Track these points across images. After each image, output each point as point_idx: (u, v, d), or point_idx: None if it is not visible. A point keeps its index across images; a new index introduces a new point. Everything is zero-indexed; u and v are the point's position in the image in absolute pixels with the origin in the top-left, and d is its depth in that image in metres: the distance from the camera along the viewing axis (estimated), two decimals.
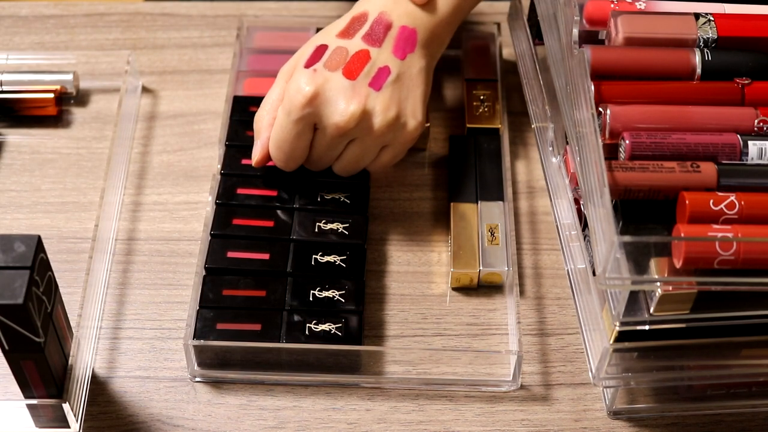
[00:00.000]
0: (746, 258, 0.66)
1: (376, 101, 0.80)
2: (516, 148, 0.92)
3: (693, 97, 0.75)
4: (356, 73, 0.80)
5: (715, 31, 0.77)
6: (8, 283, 0.65)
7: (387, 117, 0.80)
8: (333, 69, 0.80)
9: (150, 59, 0.98)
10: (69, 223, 0.87)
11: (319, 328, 0.78)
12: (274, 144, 0.82)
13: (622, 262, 0.67)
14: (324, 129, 0.81)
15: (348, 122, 0.80)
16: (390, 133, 0.81)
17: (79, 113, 0.94)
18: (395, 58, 0.82)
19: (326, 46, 0.82)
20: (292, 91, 0.80)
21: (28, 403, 0.73)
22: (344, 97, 0.80)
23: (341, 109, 0.79)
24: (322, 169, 0.85)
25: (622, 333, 0.70)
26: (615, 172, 0.70)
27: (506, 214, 0.85)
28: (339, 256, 0.81)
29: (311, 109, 0.79)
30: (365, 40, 0.82)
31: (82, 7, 1.02)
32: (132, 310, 0.82)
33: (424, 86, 0.83)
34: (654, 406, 0.77)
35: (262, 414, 0.77)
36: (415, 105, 0.82)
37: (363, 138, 0.81)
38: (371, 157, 0.83)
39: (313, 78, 0.80)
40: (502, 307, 0.82)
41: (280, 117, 0.81)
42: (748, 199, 0.68)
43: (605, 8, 0.79)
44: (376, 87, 0.80)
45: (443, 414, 0.77)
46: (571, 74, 0.78)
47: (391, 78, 0.81)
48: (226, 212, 0.83)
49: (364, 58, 0.81)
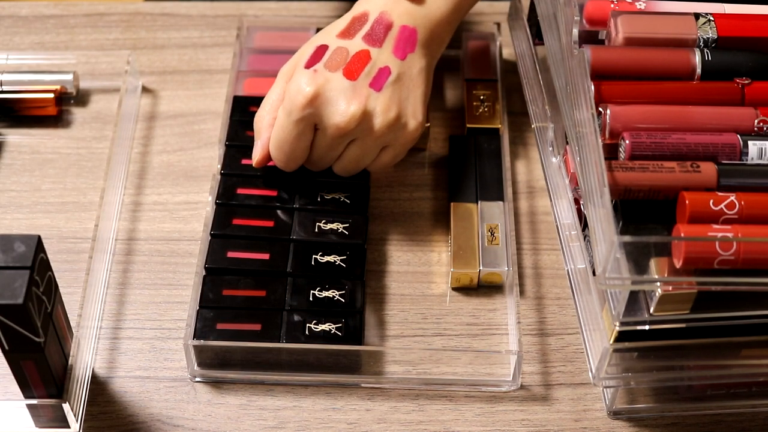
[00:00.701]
0: (746, 258, 0.66)
1: (377, 102, 0.80)
2: (516, 148, 0.92)
3: (693, 97, 0.75)
4: (357, 73, 0.80)
5: (715, 31, 0.77)
6: (8, 283, 0.65)
7: (388, 117, 0.80)
8: (333, 69, 0.80)
9: (150, 59, 0.98)
10: (69, 223, 0.87)
11: (319, 328, 0.78)
12: (274, 144, 0.82)
13: (622, 262, 0.67)
14: (324, 129, 0.81)
15: (349, 123, 0.80)
16: (390, 133, 0.81)
17: (79, 113, 0.94)
18: (395, 59, 0.82)
19: (327, 47, 0.82)
20: (292, 92, 0.80)
21: (28, 403, 0.73)
22: (345, 97, 0.80)
23: (342, 109, 0.79)
24: (322, 170, 0.85)
25: (622, 333, 0.70)
26: (615, 172, 0.70)
27: (506, 214, 0.85)
28: (339, 256, 0.81)
29: (312, 109, 0.79)
30: (366, 40, 0.82)
31: (82, 7, 1.02)
32: (132, 310, 0.82)
33: (425, 86, 0.83)
34: (654, 406, 0.77)
35: (262, 414, 0.77)
36: (415, 105, 0.82)
37: (363, 138, 0.81)
38: (371, 158, 0.83)
39: (313, 78, 0.80)
40: (502, 307, 0.82)
41: (281, 117, 0.81)
42: (748, 199, 0.68)
43: (605, 8, 0.79)
44: (377, 87, 0.80)
45: (443, 414, 0.77)
46: (571, 74, 0.78)
47: (392, 78, 0.81)
48: (226, 212, 0.83)
49: (365, 59, 0.81)
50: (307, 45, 0.84)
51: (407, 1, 0.83)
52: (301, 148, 0.82)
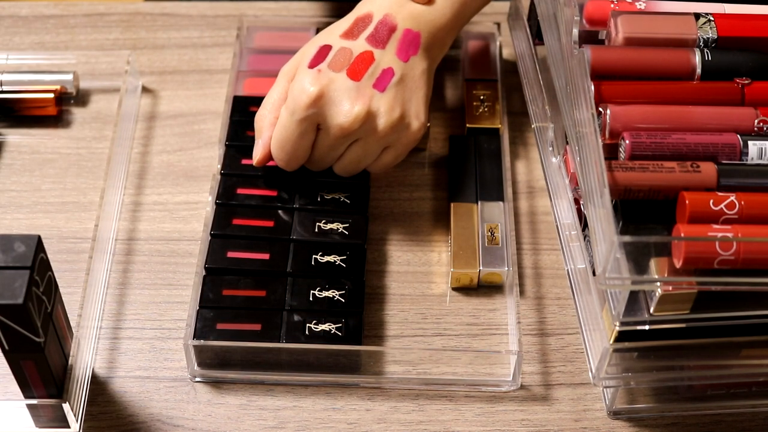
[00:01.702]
0: (746, 258, 0.66)
1: (381, 102, 0.80)
2: (516, 148, 0.92)
3: (693, 97, 0.75)
4: (361, 74, 0.80)
5: (715, 31, 0.77)
6: (8, 283, 0.65)
7: (391, 118, 0.81)
8: (337, 70, 0.80)
9: (150, 59, 0.98)
10: (69, 223, 0.87)
11: (319, 328, 0.78)
12: (276, 144, 0.82)
13: (622, 262, 0.67)
14: (327, 129, 0.81)
15: (353, 123, 0.80)
16: (394, 134, 0.82)
17: (79, 113, 0.94)
18: (399, 60, 0.82)
19: (330, 47, 0.82)
20: (296, 91, 0.80)
21: (28, 403, 0.73)
22: (349, 98, 0.80)
23: (346, 110, 0.79)
24: (323, 170, 0.85)
25: (622, 333, 0.70)
26: (615, 172, 0.70)
27: (506, 214, 0.85)
28: (339, 256, 0.81)
29: (315, 109, 0.79)
30: (369, 42, 0.82)
31: (82, 7, 1.02)
32: (132, 310, 0.82)
33: (426, 88, 0.83)
34: (654, 406, 0.77)
35: (262, 414, 0.77)
36: (418, 106, 0.82)
37: (366, 139, 0.81)
38: (373, 158, 0.83)
39: (317, 78, 0.80)
40: (502, 307, 0.82)
41: (284, 117, 0.81)
42: (748, 199, 0.68)
43: (605, 8, 0.79)
44: (381, 88, 0.80)
45: (443, 414, 0.77)
46: (571, 74, 0.78)
47: (395, 79, 0.81)
48: (226, 212, 0.83)
49: (369, 60, 0.81)
50: (309, 45, 0.84)
51: (412, 4, 0.83)
52: (304, 147, 0.82)
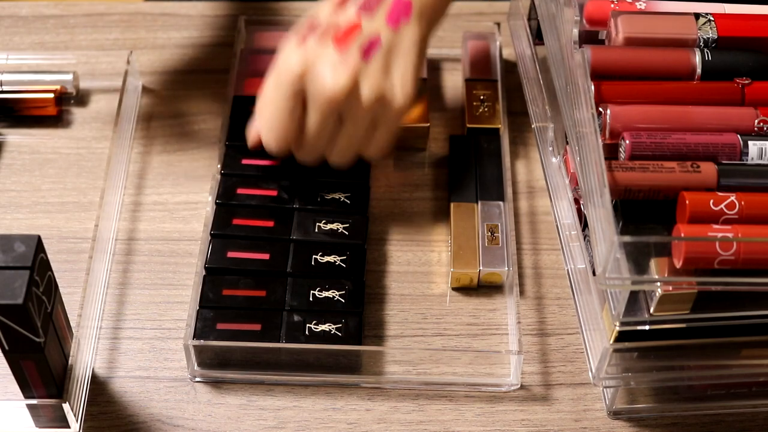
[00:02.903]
0: (746, 258, 0.66)
1: (366, 72, 0.79)
2: (516, 148, 0.92)
3: (693, 97, 0.75)
4: (347, 45, 0.79)
5: (715, 31, 0.77)
6: (8, 283, 0.65)
7: (376, 88, 0.79)
8: (323, 42, 0.79)
9: (150, 59, 0.98)
10: (69, 223, 0.87)
11: (319, 328, 0.78)
12: (264, 123, 0.81)
13: (622, 262, 0.67)
14: (314, 104, 0.79)
15: (338, 94, 0.78)
16: (379, 106, 0.79)
17: (79, 113, 0.94)
18: (388, 28, 0.80)
19: (318, 19, 0.81)
20: (281, 67, 0.79)
21: (28, 403, 0.73)
22: (334, 70, 0.78)
23: (330, 82, 0.78)
24: (317, 160, 0.83)
25: (622, 333, 0.70)
26: (615, 172, 0.70)
27: (506, 214, 0.85)
28: (339, 256, 0.81)
29: (300, 85, 0.78)
30: (358, 10, 0.80)
31: (82, 7, 1.02)
32: (132, 310, 0.82)
33: (417, 58, 0.80)
34: (654, 406, 0.77)
35: (262, 414, 0.77)
36: (405, 77, 0.80)
37: (353, 113, 0.80)
38: (363, 135, 0.81)
39: (302, 54, 0.79)
40: (502, 307, 0.82)
41: (270, 94, 0.80)
42: (748, 199, 0.68)
43: (605, 8, 0.79)
44: (366, 58, 0.79)
45: (443, 414, 0.77)
46: (571, 74, 0.78)
47: (382, 50, 0.79)
48: (226, 212, 0.83)
49: (355, 30, 0.79)
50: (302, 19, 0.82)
51: None
52: (292, 127, 0.80)
